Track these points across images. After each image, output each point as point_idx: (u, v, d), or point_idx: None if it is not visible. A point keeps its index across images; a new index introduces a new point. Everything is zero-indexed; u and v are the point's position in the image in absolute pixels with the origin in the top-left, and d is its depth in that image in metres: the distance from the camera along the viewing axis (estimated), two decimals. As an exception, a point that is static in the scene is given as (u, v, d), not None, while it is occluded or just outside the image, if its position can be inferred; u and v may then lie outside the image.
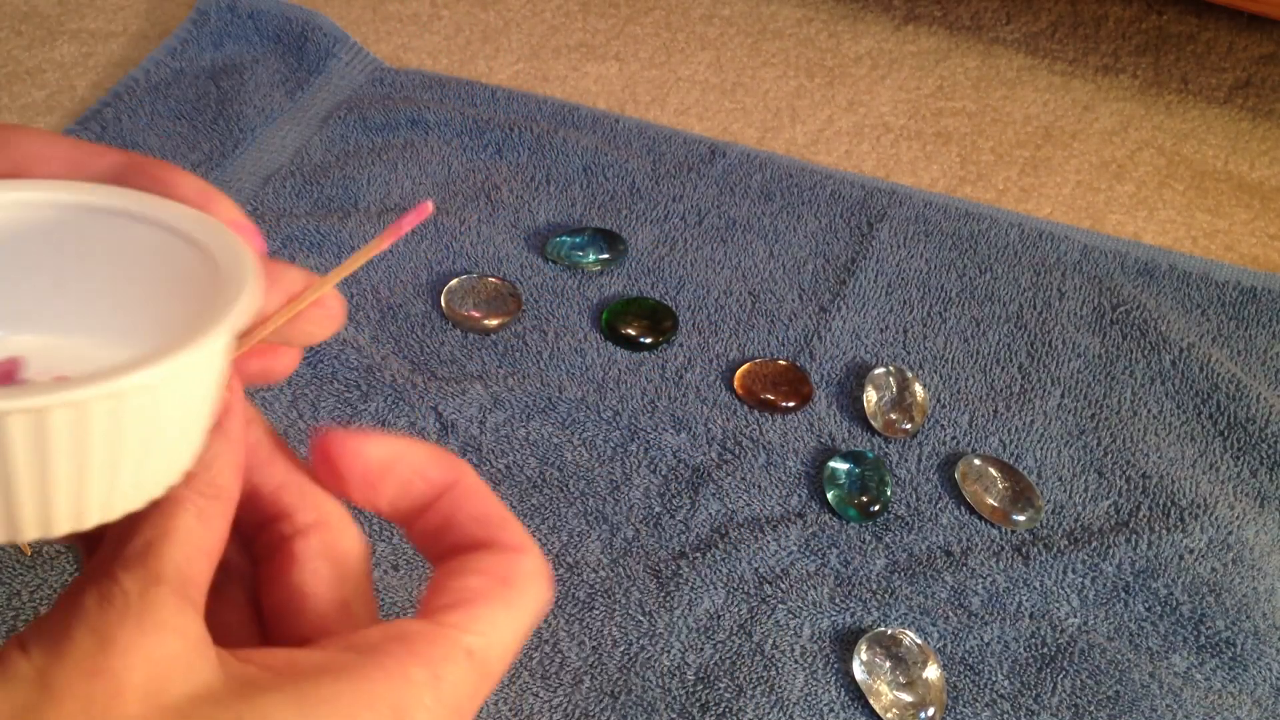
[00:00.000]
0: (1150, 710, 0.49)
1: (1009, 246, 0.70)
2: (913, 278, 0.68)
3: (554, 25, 0.88)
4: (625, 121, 0.76)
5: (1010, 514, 0.55)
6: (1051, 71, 0.87)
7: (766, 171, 0.73)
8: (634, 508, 0.55)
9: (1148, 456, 0.59)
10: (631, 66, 0.85)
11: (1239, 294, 0.68)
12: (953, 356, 0.63)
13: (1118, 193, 0.78)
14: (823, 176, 0.73)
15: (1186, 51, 0.90)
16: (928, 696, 0.48)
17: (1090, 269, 0.69)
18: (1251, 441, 0.60)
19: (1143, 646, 0.51)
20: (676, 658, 0.49)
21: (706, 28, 0.89)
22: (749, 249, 0.69)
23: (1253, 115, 0.84)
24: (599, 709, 0.48)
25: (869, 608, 0.52)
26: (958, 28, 0.91)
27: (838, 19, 0.91)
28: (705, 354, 0.62)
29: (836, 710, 0.48)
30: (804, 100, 0.83)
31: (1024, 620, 0.52)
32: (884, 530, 0.55)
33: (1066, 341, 0.65)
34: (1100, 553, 0.54)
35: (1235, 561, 0.54)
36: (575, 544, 0.53)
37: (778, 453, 0.57)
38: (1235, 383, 0.62)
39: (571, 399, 0.59)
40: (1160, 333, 0.65)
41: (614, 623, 0.50)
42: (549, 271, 0.66)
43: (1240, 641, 0.51)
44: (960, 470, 0.57)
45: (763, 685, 0.49)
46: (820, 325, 0.64)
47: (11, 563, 0.50)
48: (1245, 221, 0.76)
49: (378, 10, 0.88)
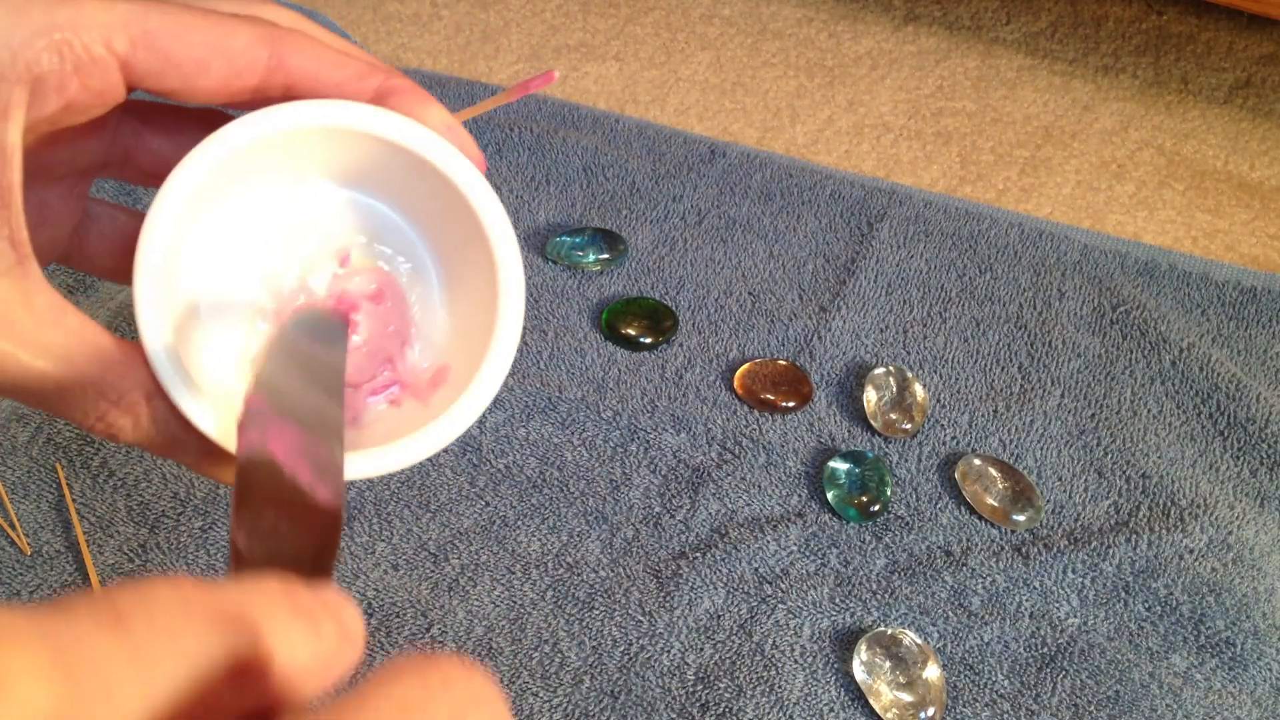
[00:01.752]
0: (1150, 710, 0.49)
1: (1009, 246, 0.70)
2: (913, 278, 0.68)
3: (554, 25, 0.88)
4: (625, 121, 0.76)
5: (1010, 514, 0.55)
6: (1051, 71, 0.87)
7: (766, 171, 0.73)
8: (634, 508, 0.55)
9: (1148, 456, 0.59)
10: (631, 66, 0.85)
11: (1239, 294, 0.68)
12: (953, 356, 0.63)
13: (1118, 193, 0.78)
14: (823, 176, 0.73)
15: (1186, 51, 0.90)
16: (928, 696, 0.48)
17: (1090, 269, 0.69)
18: (1251, 441, 0.60)
19: (1143, 646, 0.51)
20: (676, 658, 0.49)
21: (706, 28, 0.89)
22: (749, 249, 0.69)
23: (1253, 115, 0.84)
24: (599, 709, 0.48)
25: (869, 608, 0.52)
26: (958, 28, 0.91)
27: (838, 19, 0.91)
28: (705, 354, 0.62)
29: (836, 710, 0.48)
30: (804, 100, 0.83)
31: (1024, 620, 0.52)
32: (884, 530, 0.55)
33: (1066, 341, 0.65)
34: (1100, 553, 0.54)
35: (1235, 561, 0.54)
36: (575, 544, 0.53)
37: (778, 453, 0.57)
38: (1235, 383, 0.62)
39: (571, 399, 0.59)
40: (1160, 333, 0.65)
41: (614, 623, 0.50)
42: (549, 271, 0.66)
43: (1240, 641, 0.51)
44: (960, 470, 0.57)
45: (763, 685, 0.49)
46: (820, 325, 0.64)
47: (11, 563, 0.50)
48: (1245, 221, 0.76)
49: (378, 10, 0.88)
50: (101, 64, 0.24)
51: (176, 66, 0.24)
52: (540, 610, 0.51)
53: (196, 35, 0.24)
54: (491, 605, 0.51)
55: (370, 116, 0.26)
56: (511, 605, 0.51)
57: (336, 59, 0.26)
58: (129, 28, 0.24)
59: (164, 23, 0.24)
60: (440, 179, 0.27)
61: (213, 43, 0.24)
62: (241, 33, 0.25)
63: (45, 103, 0.23)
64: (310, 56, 0.26)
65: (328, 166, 0.28)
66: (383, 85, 0.27)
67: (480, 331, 0.27)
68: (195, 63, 0.24)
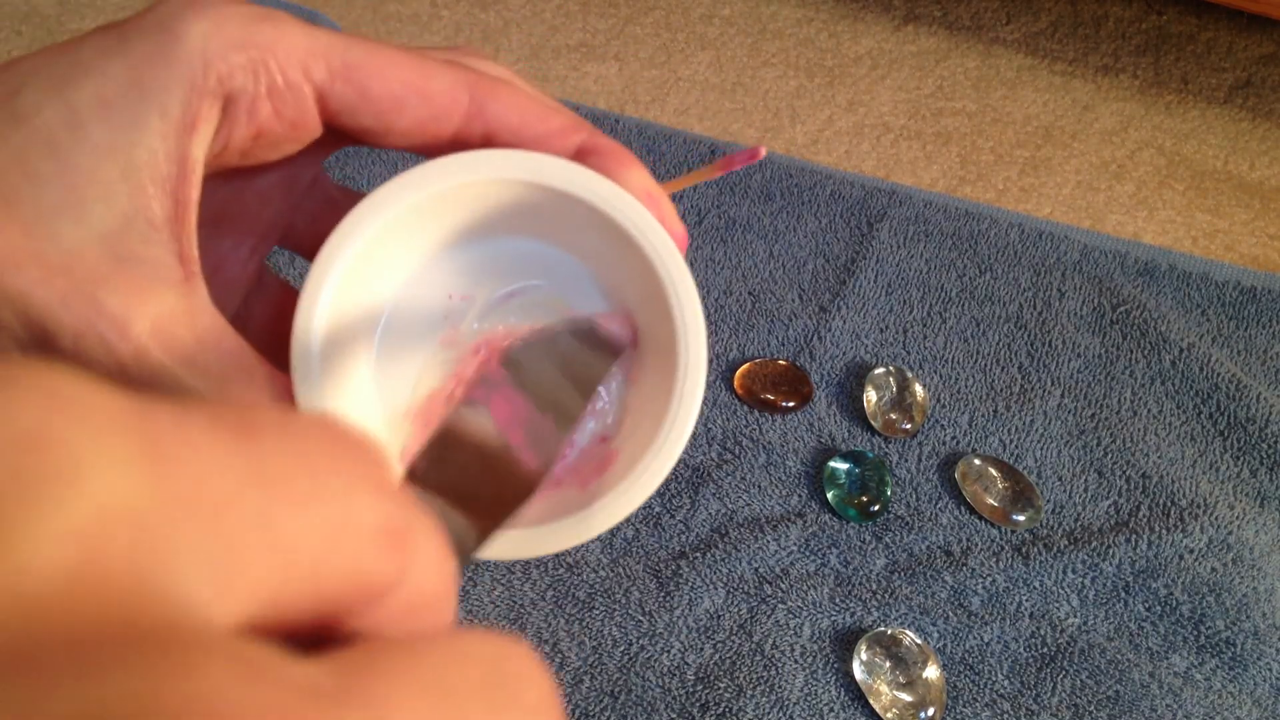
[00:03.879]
0: (1150, 710, 0.49)
1: (1009, 246, 0.70)
2: (913, 278, 0.68)
3: (554, 25, 0.88)
4: (625, 121, 0.76)
5: (1010, 514, 0.55)
6: (1051, 71, 0.87)
7: (766, 171, 0.73)
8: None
9: (1148, 456, 0.59)
10: (631, 66, 0.85)
11: (1239, 294, 0.68)
12: (953, 356, 0.63)
13: (1118, 193, 0.78)
14: (823, 176, 0.73)
15: (1186, 51, 0.90)
16: (928, 696, 0.48)
17: (1090, 269, 0.69)
18: (1251, 441, 0.60)
19: (1143, 646, 0.51)
20: (676, 658, 0.49)
21: (706, 28, 0.89)
22: (749, 249, 0.69)
23: (1253, 115, 0.84)
24: (599, 709, 0.48)
25: (869, 608, 0.52)
26: (958, 28, 0.91)
27: (838, 19, 0.91)
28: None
29: (836, 710, 0.48)
30: (804, 100, 0.83)
31: (1024, 620, 0.52)
32: (884, 530, 0.55)
33: (1066, 341, 0.65)
34: (1100, 553, 0.54)
35: (1235, 561, 0.54)
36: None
37: (778, 453, 0.57)
38: (1235, 383, 0.62)
39: (571, 399, 0.59)
40: (1160, 333, 0.65)
41: (614, 623, 0.50)
42: (549, 271, 0.66)
43: (1240, 641, 0.51)
44: (960, 470, 0.57)
45: (763, 685, 0.49)
46: (820, 325, 0.64)
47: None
48: (1245, 221, 0.76)
49: (378, 10, 0.88)
50: (297, 91, 0.23)
51: (373, 103, 0.24)
52: (540, 610, 0.51)
53: (397, 72, 0.24)
54: (491, 605, 0.51)
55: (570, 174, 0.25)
56: (511, 605, 0.51)
57: (541, 112, 0.25)
58: (330, 57, 0.23)
59: (365, 56, 0.23)
60: (634, 249, 0.26)
61: (413, 81, 0.24)
62: (444, 75, 0.24)
63: (235, 125, 0.23)
64: (513, 107, 0.25)
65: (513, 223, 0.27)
66: (586, 143, 0.26)
67: (652, 418, 0.26)
68: (393, 99, 0.24)
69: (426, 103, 0.24)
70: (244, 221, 0.27)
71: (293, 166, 0.28)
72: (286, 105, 0.23)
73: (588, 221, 0.26)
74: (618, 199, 0.25)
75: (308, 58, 0.23)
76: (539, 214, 0.26)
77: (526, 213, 0.26)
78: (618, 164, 0.26)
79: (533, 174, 0.25)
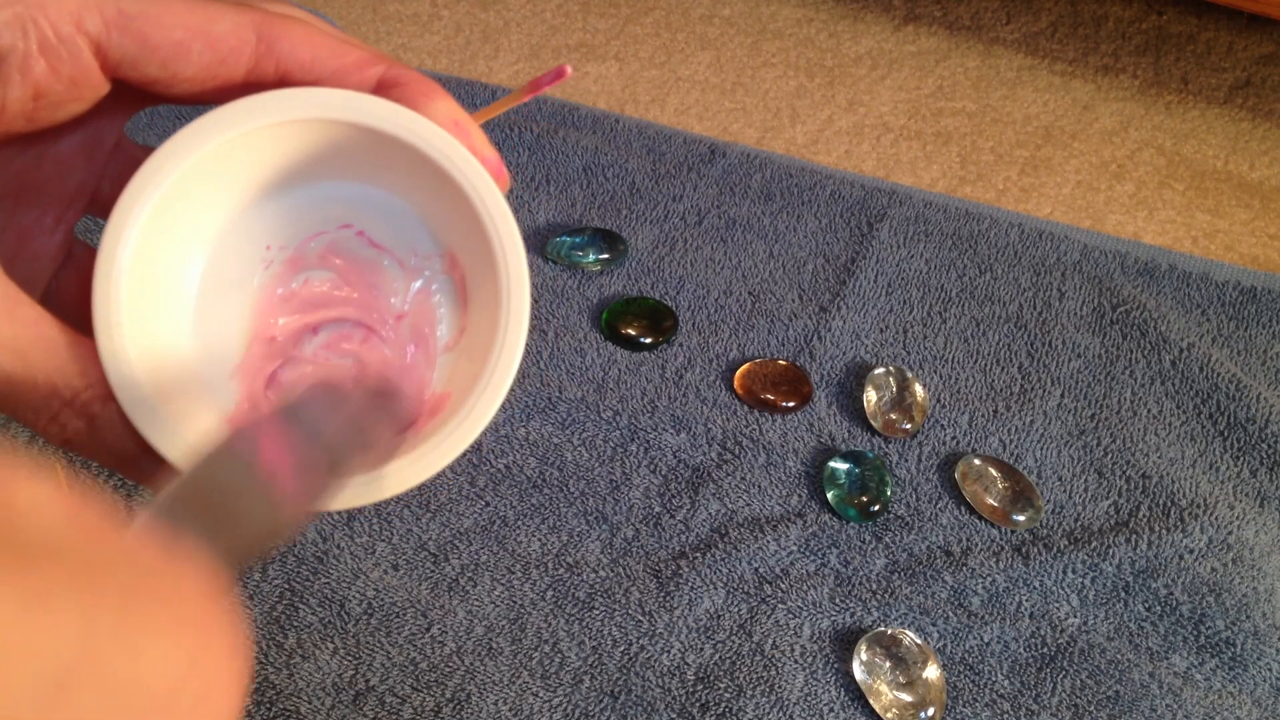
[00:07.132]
0: (1150, 710, 0.49)
1: (1009, 246, 0.70)
2: (913, 278, 0.68)
3: (554, 25, 0.88)
4: (625, 121, 0.76)
5: (1010, 514, 0.55)
6: (1051, 71, 0.87)
7: (766, 171, 0.73)
8: (634, 508, 0.55)
9: (1148, 456, 0.59)
10: (631, 66, 0.85)
11: (1239, 294, 0.68)
12: (953, 356, 0.63)
13: (1118, 193, 0.78)
14: (823, 176, 0.73)
15: (1186, 51, 0.90)
16: (928, 696, 0.48)
17: (1090, 269, 0.69)
18: (1251, 441, 0.60)
19: (1143, 646, 0.51)
20: (676, 658, 0.49)
21: (706, 28, 0.89)
22: (749, 249, 0.69)
23: (1253, 115, 0.84)
24: (599, 709, 0.48)
25: (869, 608, 0.52)
26: (958, 28, 0.91)
27: (838, 19, 0.91)
28: (705, 354, 0.62)
29: (836, 710, 0.48)
30: (804, 100, 0.83)
31: (1024, 620, 0.52)
32: (884, 530, 0.55)
33: (1066, 341, 0.65)
34: (1100, 553, 0.54)
35: (1235, 561, 0.54)
36: (575, 544, 0.53)
37: (778, 453, 0.57)
38: (1235, 383, 0.62)
39: (571, 399, 0.59)
40: (1160, 333, 0.65)
41: (614, 623, 0.50)
42: (549, 271, 0.66)
43: (1240, 641, 0.51)
44: (960, 470, 0.57)
45: (763, 685, 0.49)
46: (820, 325, 0.64)
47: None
48: (1245, 221, 0.76)
49: (378, 10, 0.88)
50: (71, 44, 0.22)
51: (155, 51, 0.23)
52: (540, 610, 0.51)
53: (177, 18, 0.23)
54: (491, 605, 0.51)
55: (372, 108, 0.24)
56: (511, 605, 0.51)
57: (334, 46, 0.24)
58: (104, 7, 0.22)
59: (143, 4, 0.22)
60: (448, 182, 0.25)
61: (194, 25, 0.23)
62: (228, 17, 0.23)
63: (9, 85, 0.22)
64: (303, 43, 0.24)
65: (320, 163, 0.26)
66: (385, 75, 0.25)
67: (480, 353, 0.25)
68: (175, 46, 0.23)
69: (211, 46, 0.23)
70: (45, 191, 0.26)
71: (91, 131, 0.27)
72: (62, 61, 0.22)
73: (399, 157, 0.25)
74: (425, 130, 0.24)
75: (80, 10, 0.22)
76: (352, 154, 0.25)
77: (339, 154, 0.25)
78: (422, 94, 0.25)
79: (335, 111, 0.24)
